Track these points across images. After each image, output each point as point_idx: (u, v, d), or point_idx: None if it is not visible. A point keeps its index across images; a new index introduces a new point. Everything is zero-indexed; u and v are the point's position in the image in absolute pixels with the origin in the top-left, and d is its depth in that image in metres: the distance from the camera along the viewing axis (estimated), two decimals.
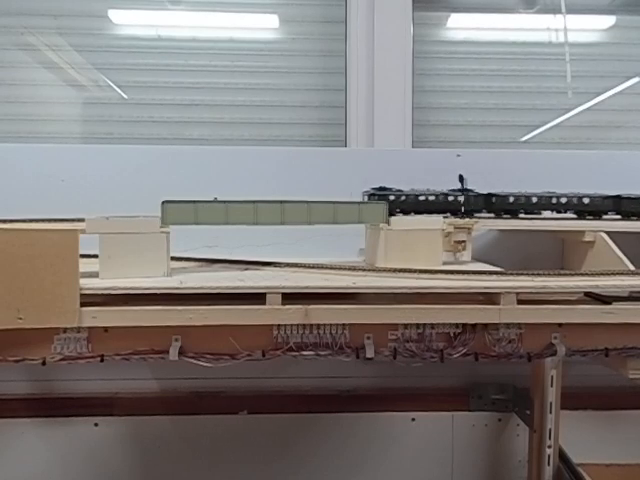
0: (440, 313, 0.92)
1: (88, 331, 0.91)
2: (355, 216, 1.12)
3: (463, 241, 1.23)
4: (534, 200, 1.31)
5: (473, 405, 1.62)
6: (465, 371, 1.61)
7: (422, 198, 1.27)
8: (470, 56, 1.85)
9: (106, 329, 0.90)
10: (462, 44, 1.86)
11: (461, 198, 1.28)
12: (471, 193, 1.30)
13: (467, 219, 1.28)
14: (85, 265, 0.90)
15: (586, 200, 1.32)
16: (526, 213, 1.33)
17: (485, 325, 0.95)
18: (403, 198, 1.26)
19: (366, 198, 1.25)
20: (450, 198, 1.28)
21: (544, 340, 0.96)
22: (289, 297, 0.90)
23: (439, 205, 1.28)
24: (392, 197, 1.24)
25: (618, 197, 1.32)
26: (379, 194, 1.24)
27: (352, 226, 1.15)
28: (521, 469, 1.62)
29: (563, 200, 1.32)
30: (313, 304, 0.90)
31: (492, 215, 1.31)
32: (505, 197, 1.30)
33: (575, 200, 1.32)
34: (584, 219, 1.33)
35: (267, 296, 0.90)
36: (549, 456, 1.45)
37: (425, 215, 1.25)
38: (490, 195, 1.30)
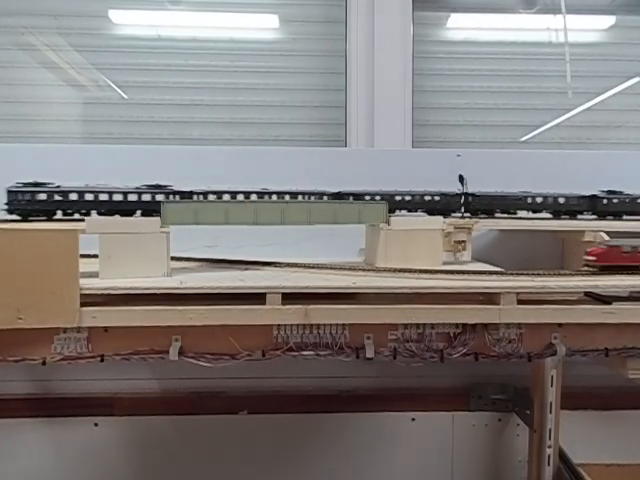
0: (440, 313, 0.92)
1: (88, 331, 0.91)
2: (355, 216, 1.12)
3: (463, 241, 1.24)
4: (510, 200, 1.31)
5: (473, 405, 1.62)
6: (465, 371, 1.61)
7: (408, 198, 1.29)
8: (470, 56, 1.85)
9: (106, 329, 0.90)
10: (462, 44, 1.86)
11: (438, 197, 1.29)
12: (449, 193, 1.30)
13: (467, 219, 1.28)
14: (85, 265, 0.90)
15: (561, 200, 1.31)
16: (502, 212, 1.33)
17: (485, 325, 0.95)
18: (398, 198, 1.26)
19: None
20: (436, 198, 1.29)
21: (544, 340, 0.96)
22: (289, 297, 0.90)
23: (433, 204, 1.28)
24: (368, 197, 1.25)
25: (594, 197, 1.31)
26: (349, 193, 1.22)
27: (352, 226, 1.15)
28: (521, 469, 1.62)
29: (539, 200, 1.32)
30: (313, 304, 0.90)
31: (468, 215, 1.32)
32: (482, 197, 1.30)
33: (550, 200, 1.31)
34: (559, 219, 1.34)
35: (267, 296, 0.90)
36: (549, 456, 1.45)
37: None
38: (467, 195, 1.30)
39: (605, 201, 1.32)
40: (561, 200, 1.32)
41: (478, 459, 1.65)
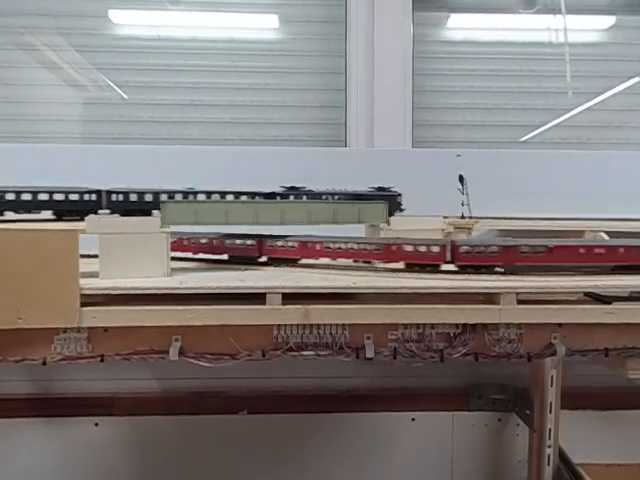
0: (440, 313, 0.92)
1: (88, 331, 0.91)
2: (355, 216, 1.12)
3: None
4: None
5: (473, 405, 1.62)
6: (465, 371, 1.61)
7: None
8: (470, 56, 1.85)
9: (106, 329, 0.90)
10: (462, 44, 1.87)
11: (75, 196, 1.12)
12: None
13: (467, 219, 1.28)
14: (85, 265, 0.90)
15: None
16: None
17: (485, 325, 0.95)
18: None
19: None
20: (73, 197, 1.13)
21: (544, 340, 0.96)
22: (289, 297, 0.90)
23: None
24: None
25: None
26: None
27: (352, 226, 1.15)
28: (521, 469, 1.62)
29: (202, 198, 1.17)
30: (313, 304, 0.90)
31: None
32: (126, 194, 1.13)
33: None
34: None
35: (267, 296, 0.89)
36: (549, 456, 1.45)
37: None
38: (109, 192, 1.14)
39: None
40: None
41: (478, 459, 1.65)
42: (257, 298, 0.90)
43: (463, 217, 1.30)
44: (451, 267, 1.00)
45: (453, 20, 1.88)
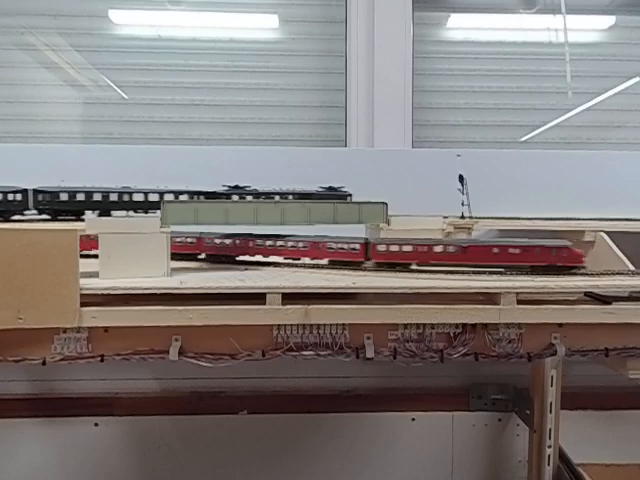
0: (440, 313, 0.92)
1: (88, 331, 0.91)
2: (355, 216, 1.12)
3: None
4: (99, 197, 1.13)
5: (473, 405, 1.62)
6: (465, 371, 1.61)
7: None
8: (470, 56, 1.85)
9: (106, 329, 0.90)
10: (462, 44, 1.86)
11: None
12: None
13: (467, 219, 1.28)
14: (85, 265, 0.90)
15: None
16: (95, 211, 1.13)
17: (485, 325, 0.95)
18: None
19: None
20: None
21: (544, 340, 0.96)
22: (289, 297, 0.90)
23: None
24: None
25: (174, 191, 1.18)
26: None
27: (352, 226, 1.14)
28: (521, 469, 1.63)
29: (139, 198, 1.16)
30: (313, 304, 0.90)
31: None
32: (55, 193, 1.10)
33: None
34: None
35: (267, 296, 0.89)
36: (549, 456, 1.45)
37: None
38: (36, 192, 1.10)
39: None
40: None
41: (478, 459, 1.65)
42: (257, 298, 0.90)
43: (463, 217, 1.30)
44: (460, 266, 1.01)
45: (453, 20, 1.88)
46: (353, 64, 1.75)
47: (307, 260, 1.09)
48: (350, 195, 1.25)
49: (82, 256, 0.88)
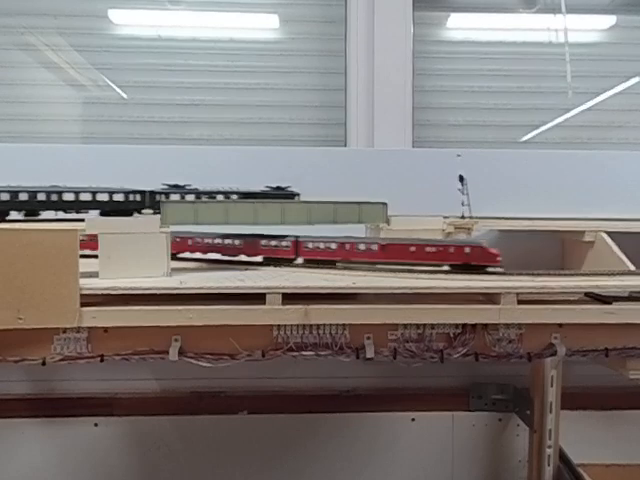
0: (440, 313, 0.92)
1: (88, 331, 0.91)
2: (355, 216, 1.12)
3: None
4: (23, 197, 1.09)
5: (473, 405, 1.62)
6: (465, 371, 1.61)
7: None
8: (470, 56, 1.85)
9: (106, 329, 0.90)
10: (462, 44, 1.86)
11: None
12: None
13: (467, 219, 1.28)
14: (85, 265, 0.90)
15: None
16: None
17: (485, 325, 0.95)
18: None
19: None
20: None
21: (544, 340, 0.96)
22: (289, 297, 0.90)
23: None
24: None
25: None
26: None
27: (352, 226, 1.15)
28: (521, 469, 1.62)
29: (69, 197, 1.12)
30: (313, 304, 0.90)
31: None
32: None
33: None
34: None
35: (267, 296, 0.89)
36: (549, 456, 1.45)
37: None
38: None
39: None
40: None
41: (478, 459, 1.65)
42: (257, 298, 0.90)
43: (463, 217, 1.30)
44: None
45: (453, 20, 1.88)
46: (353, 64, 1.75)
47: (243, 257, 1.13)
48: (298, 195, 1.24)
49: (82, 256, 0.88)
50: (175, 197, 1.16)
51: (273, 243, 1.10)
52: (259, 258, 1.12)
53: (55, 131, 1.78)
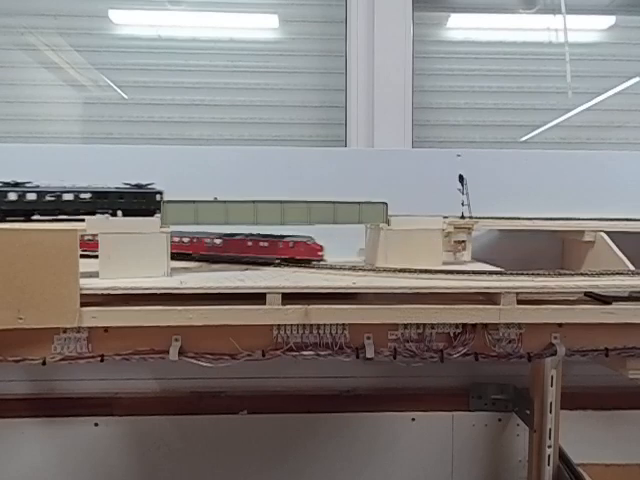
0: (440, 313, 0.92)
1: (88, 331, 0.91)
2: (355, 216, 1.12)
3: (463, 241, 1.24)
4: None
5: (473, 405, 1.62)
6: (465, 371, 1.61)
7: None
8: (470, 56, 1.85)
9: (106, 329, 0.90)
10: (462, 44, 1.86)
11: None
12: None
13: (467, 219, 1.28)
14: (85, 265, 0.90)
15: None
16: None
17: (485, 325, 0.95)
18: None
19: None
20: None
21: (544, 340, 0.96)
22: (289, 297, 0.90)
23: None
24: None
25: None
26: None
27: (352, 226, 1.15)
28: (521, 469, 1.62)
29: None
30: (313, 304, 0.90)
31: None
32: None
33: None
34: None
35: (267, 296, 0.90)
36: (549, 456, 1.45)
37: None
38: None
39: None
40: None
41: (478, 459, 1.65)
42: (257, 298, 0.90)
43: (463, 217, 1.30)
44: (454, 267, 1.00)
45: (453, 20, 1.88)
46: (353, 64, 1.75)
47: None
48: (160, 193, 1.18)
49: (82, 256, 0.88)
50: (13, 196, 1.10)
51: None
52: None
53: (55, 131, 1.78)
